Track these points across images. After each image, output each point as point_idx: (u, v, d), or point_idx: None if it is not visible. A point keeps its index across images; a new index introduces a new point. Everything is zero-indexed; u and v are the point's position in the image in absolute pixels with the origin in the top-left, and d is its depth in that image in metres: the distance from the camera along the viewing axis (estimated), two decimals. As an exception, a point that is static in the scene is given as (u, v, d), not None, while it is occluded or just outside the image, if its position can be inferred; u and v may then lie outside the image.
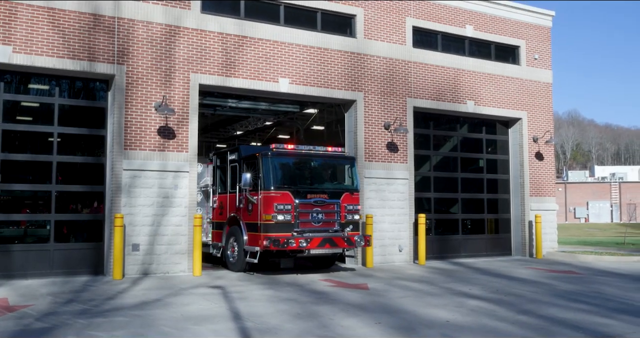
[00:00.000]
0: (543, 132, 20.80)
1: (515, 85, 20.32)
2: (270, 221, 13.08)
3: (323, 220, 13.80)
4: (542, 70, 21.11)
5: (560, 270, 16.25)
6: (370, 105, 17.22)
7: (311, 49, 16.37)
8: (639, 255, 20.56)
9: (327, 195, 13.99)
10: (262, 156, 13.61)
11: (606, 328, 8.36)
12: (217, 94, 17.19)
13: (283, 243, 12.78)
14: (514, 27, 20.53)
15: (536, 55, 20.93)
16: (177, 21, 14.58)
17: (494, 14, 20.08)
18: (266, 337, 7.52)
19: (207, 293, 11.17)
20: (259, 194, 13.41)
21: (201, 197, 16.48)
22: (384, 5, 17.72)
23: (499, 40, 20.21)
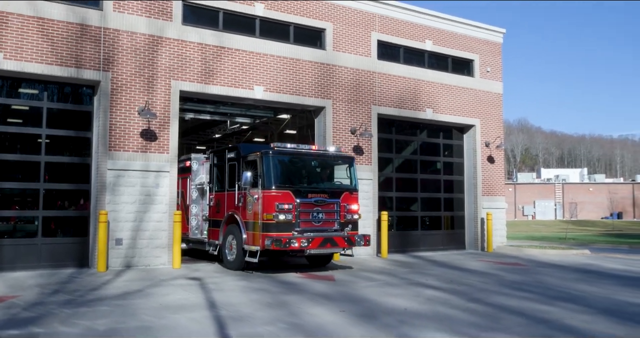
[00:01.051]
0: (494, 138, 21.11)
1: (470, 95, 20.59)
2: (271, 220, 12.08)
3: (323, 220, 12.84)
4: (494, 82, 21.43)
5: (508, 262, 16.50)
6: (338, 112, 17.28)
7: (284, 60, 16.36)
8: (578, 249, 21.01)
9: (327, 195, 13.05)
10: (263, 155, 12.59)
11: (546, 314, 8.54)
12: (196, 100, 17.06)
13: (285, 243, 11.82)
14: (469, 43, 20.81)
15: (488, 68, 21.24)
16: (159, 32, 14.44)
17: (452, 30, 20.32)
18: (239, 324, 7.50)
19: (185, 285, 11.10)
20: (260, 193, 12.40)
21: (196, 195, 15.71)
22: (352, 20, 17.82)
23: (455, 54, 20.46)
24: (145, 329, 7.18)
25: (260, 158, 12.57)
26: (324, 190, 13.13)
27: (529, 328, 7.61)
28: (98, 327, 7.25)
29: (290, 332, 7.13)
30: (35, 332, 7.00)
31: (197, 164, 15.81)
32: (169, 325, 7.45)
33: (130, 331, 7.07)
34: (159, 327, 7.33)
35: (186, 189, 15.95)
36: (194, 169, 15.67)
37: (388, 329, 7.37)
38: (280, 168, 12.81)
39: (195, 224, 15.60)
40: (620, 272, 14.71)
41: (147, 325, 7.43)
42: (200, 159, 15.94)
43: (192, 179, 15.63)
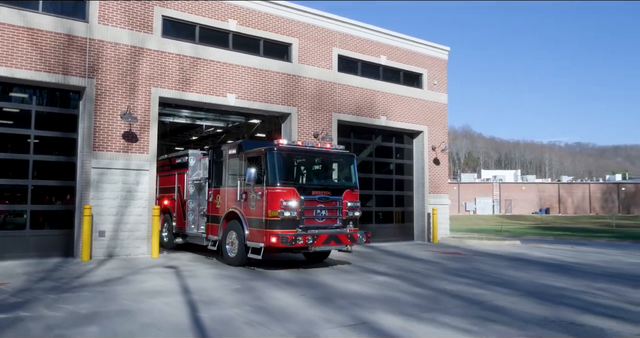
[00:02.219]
0: (440, 143, 21.47)
1: (419, 105, 20.89)
2: (276, 217, 10.88)
3: (326, 217, 11.68)
4: (440, 94, 21.79)
5: (450, 252, 16.79)
6: (303, 118, 17.32)
7: (255, 70, 16.32)
8: (510, 240, 21.53)
9: (330, 192, 11.84)
10: (267, 151, 11.39)
11: (480, 297, 8.77)
12: (174, 105, 16.85)
13: (291, 241, 10.68)
14: (418, 58, 21.11)
15: (435, 82, 21.57)
16: (141, 43, 14.23)
17: (404, 47, 20.57)
18: (209, 307, 7.49)
19: (162, 272, 10.99)
20: (264, 190, 11.17)
21: (193, 190, 14.72)
22: (315, 36, 17.88)
23: (406, 68, 20.73)
24: (125, 312, 7.10)
25: (265, 155, 11.41)
26: (327, 188, 12.03)
27: (464, 309, 7.80)
28: (81, 311, 7.14)
29: (255, 313, 7.15)
30: (21, 315, 6.86)
31: (195, 160, 14.91)
32: (146, 308, 7.39)
33: (111, 314, 6.98)
34: (137, 310, 7.26)
35: (183, 184, 15.09)
36: (191, 164, 14.78)
37: (342, 310, 7.46)
38: (284, 165, 11.65)
39: (192, 219, 14.68)
40: (545, 259, 15.15)
41: (126, 309, 7.35)
42: (197, 155, 15.01)
43: (189, 175, 14.74)
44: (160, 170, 16.11)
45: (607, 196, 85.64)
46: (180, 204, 15.06)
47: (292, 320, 6.83)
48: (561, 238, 26.44)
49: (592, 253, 17.77)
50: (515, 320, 7.07)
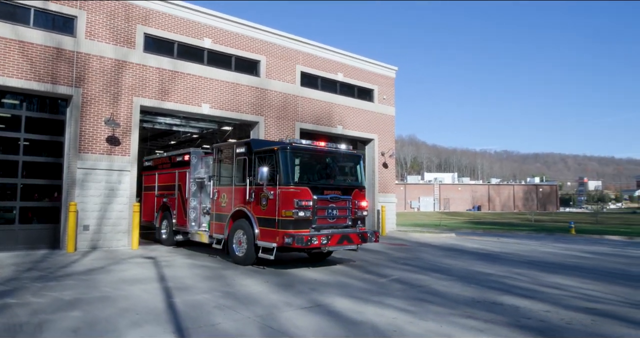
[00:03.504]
0: (388, 149, 21.78)
1: (371, 116, 21.15)
2: (290, 217, 9.55)
3: (337, 217, 10.37)
4: (389, 107, 22.12)
5: (396, 243, 16.99)
6: (269, 126, 17.27)
7: (227, 83, 16.17)
8: (447, 233, 22.03)
9: (340, 192, 10.53)
10: (280, 150, 9.96)
11: (420, 282, 8.94)
12: (154, 113, 16.50)
13: (307, 241, 9.35)
14: (370, 76, 21.37)
15: (385, 96, 21.88)
16: (124, 57, 13.89)
17: (358, 66, 20.79)
18: (183, 293, 7.38)
19: (142, 262, 10.74)
20: (277, 189, 9.78)
21: (195, 188, 13.13)
22: (281, 55, 17.87)
23: (360, 84, 20.95)
24: (105, 299, 6.92)
25: (277, 153, 9.97)
26: (338, 187, 10.67)
27: (406, 292, 7.94)
28: (64, 297, 6.92)
29: (224, 298, 7.09)
30: (9, 302, 6.58)
31: (196, 158, 13.31)
32: (125, 295, 7.21)
33: (92, 300, 6.78)
34: (116, 296, 7.08)
35: (184, 182, 13.44)
36: (193, 162, 13.22)
37: (301, 295, 7.48)
38: (297, 164, 10.31)
39: (194, 217, 13.13)
40: (476, 249, 15.59)
41: (106, 295, 7.16)
42: (199, 153, 13.43)
43: (191, 173, 13.21)
44: (160, 168, 15.14)
45: (528, 196, 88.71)
46: (181, 202, 13.58)
47: (257, 304, 6.81)
48: (489, 232, 27.25)
49: (514, 243, 18.40)
50: (448, 301, 7.26)
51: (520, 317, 6.36)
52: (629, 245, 19.24)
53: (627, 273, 10.74)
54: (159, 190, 15.00)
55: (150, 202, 15.45)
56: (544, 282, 9.24)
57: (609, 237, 23.17)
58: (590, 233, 24.61)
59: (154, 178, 15.38)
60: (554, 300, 7.50)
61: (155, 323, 5.68)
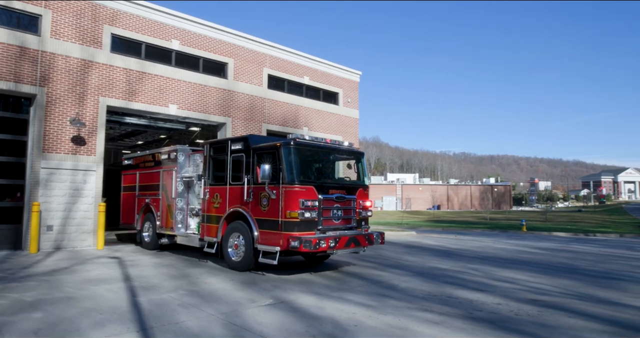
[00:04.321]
0: (352, 150, 21.91)
1: (336, 118, 21.27)
2: (295, 219, 8.53)
3: (342, 217, 9.39)
4: (353, 110, 22.31)
5: (359, 241, 17.07)
6: (237, 127, 17.11)
7: (195, 85, 15.93)
8: (408, 231, 22.41)
9: (345, 191, 9.54)
10: (283, 147, 8.91)
11: (380, 277, 9.05)
12: (121, 113, 16.08)
13: (315, 245, 8.33)
14: (335, 80, 21.49)
15: (349, 100, 22.06)
16: (91, 57, 13.46)
17: (323, 70, 20.87)
18: (148, 292, 7.21)
19: (107, 262, 10.42)
20: (280, 188, 8.72)
21: (182, 188, 11.87)
22: (248, 58, 17.74)
23: (325, 88, 21.03)
24: (68, 299, 6.68)
25: (280, 150, 8.92)
26: (343, 186, 9.69)
27: (367, 288, 8.02)
28: (26, 299, 6.64)
29: (189, 297, 6.97)
30: (-35, 304, 6.26)
31: (183, 156, 12.12)
32: (89, 295, 6.99)
33: (55, 301, 6.54)
34: (80, 296, 6.85)
35: (170, 182, 12.21)
36: (180, 160, 12.01)
37: (265, 292, 7.44)
38: (301, 162, 9.17)
39: (180, 219, 11.89)
40: (434, 246, 15.91)
41: (70, 295, 6.91)
42: (186, 151, 12.22)
43: (178, 171, 11.98)
44: (142, 166, 13.78)
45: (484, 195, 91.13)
46: (166, 203, 12.33)
47: (222, 301, 6.73)
48: (448, 229, 27.86)
49: (470, 240, 18.88)
50: (407, 295, 7.38)
51: (473, 309, 6.54)
52: (573, 241, 20.08)
53: (571, 267, 11.20)
54: (140, 191, 13.72)
55: (131, 203, 14.12)
56: (496, 276, 9.53)
57: (556, 233, 24.11)
58: (540, 231, 25.53)
59: (134, 177, 14.06)
60: (504, 293, 7.74)
61: (118, 322, 5.53)
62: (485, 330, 5.51)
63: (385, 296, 7.30)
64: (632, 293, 8.01)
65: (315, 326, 5.52)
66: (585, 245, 17.88)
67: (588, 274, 10.05)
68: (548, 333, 5.41)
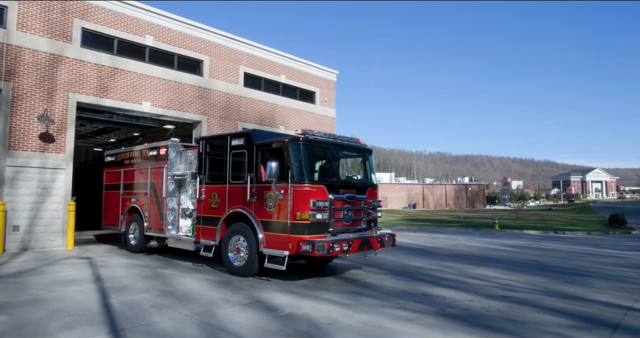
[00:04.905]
0: (329, 149, 21.97)
1: (312, 117, 21.28)
2: (306, 220, 7.92)
3: (352, 219, 8.81)
4: (330, 109, 22.37)
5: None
6: (212, 125, 16.94)
7: (169, 82, 15.69)
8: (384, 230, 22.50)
9: (355, 190, 8.94)
10: (292, 143, 8.24)
11: (355, 276, 9.07)
12: (92, 110, 15.71)
13: (329, 249, 7.70)
14: (312, 79, 21.51)
15: (326, 99, 22.12)
16: (60, 51, 13.10)
17: (300, 68, 20.86)
18: (120, 293, 7.09)
19: (77, 263, 10.17)
20: (289, 188, 8.05)
21: (173, 186, 11.06)
22: (224, 55, 17.59)
23: (302, 87, 21.04)
24: (36, 301, 6.50)
25: (288, 146, 8.24)
26: (353, 185, 9.12)
27: (342, 286, 8.07)
28: (-10, 301, 6.44)
29: (162, 297, 6.88)
30: None
31: (175, 152, 11.26)
32: (58, 296, 6.82)
33: (21, 303, 6.35)
34: (48, 298, 6.68)
35: (160, 180, 11.29)
36: (171, 157, 11.14)
37: (240, 292, 7.42)
38: (311, 159, 8.62)
39: (172, 220, 11.05)
40: (409, 244, 16.11)
41: (37, 297, 6.73)
42: (177, 147, 11.38)
43: (169, 169, 11.10)
44: (127, 164, 12.84)
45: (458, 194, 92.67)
46: (155, 202, 11.43)
47: (196, 301, 6.67)
48: (423, 228, 28.25)
49: (445, 239, 19.20)
50: (381, 293, 7.47)
51: (446, 306, 6.67)
52: (544, 238, 20.65)
53: (541, 264, 11.53)
54: (125, 189, 12.78)
55: (114, 202, 13.18)
56: (469, 273, 9.73)
57: (527, 231, 24.74)
58: (512, 229, 26.15)
59: (118, 175, 13.10)
60: (476, 290, 7.92)
61: (88, 324, 5.43)
62: (457, 326, 5.63)
63: (360, 294, 7.37)
64: (597, 288, 8.31)
65: (290, 325, 5.54)
66: (555, 242, 18.41)
67: (556, 271, 10.37)
68: (517, 329, 5.56)
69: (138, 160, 12.46)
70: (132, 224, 12.36)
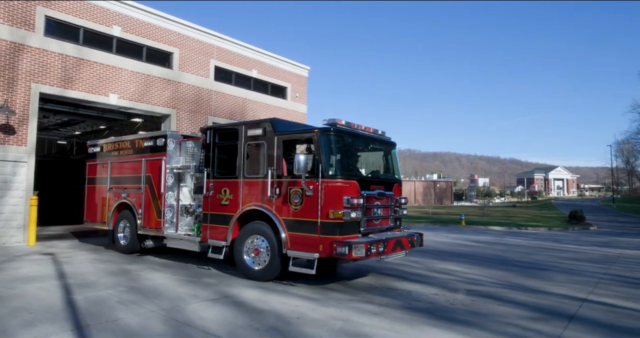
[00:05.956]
0: (300, 145, 21.99)
1: (284, 113, 21.22)
2: (339, 219, 7.16)
3: (381, 217, 8.16)
4: (301, 105, 22.37)
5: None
6: (181, 119, 16.69)
7: (137, 74, 15.35)
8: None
9: (384, 187, 8.26)
10: (323, 134, 7.47)
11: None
12: (56, 101, 15.21)
13: (367, 251, 6.98)
14: (284, 74, 21.45)
15: (297, 94, 22.10)
16: (22, 40, 12.62)
17: (272, 63, 20.76)
18: (84, 290, 6.93)
19: (39, 259, 9.86)
20: (320, 183, 7.27)
21: (172, 181, 10.15)
22: (195, 48, 17.32)
23: (274, 82, 20.95)
24: (-6, 298, 6.30)
25: (318, 138, 7.45)
26: (382, 181, 8.41)
27: (310, 281, 8.10)
28: (-55, 299, 6.19)
29: (128, 293, 6.78)
30: None
31: (174, 143, 10.29)
32: (18, 294, 6.61)
33: (-21, 300, 6.14)
34: (8, 296, 6.47)
35: (157, 173, 10.24)
36: (170, 148, 10.18)
37: (208, 287, 7.37)
38: (342, 151, 7.87)
39: (170, 217, 10.11)
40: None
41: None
42: (177, 137, 10.43)
43: (168, 162, 10.13)
44: (115, 155, 11.73)
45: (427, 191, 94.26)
46: (151, 198, 10.40)
47: (163, 297, 6.60)
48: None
49: (412, 234, 19.49)
50: (349, 288, 7.57)
51: (412, 300, 6.82)
52: (507, 234, 21.31)
53: (504, 258, 11.92)
54: (113, 183, 11.65)
55: (99, 197, 12.10)
56: (435, 268, 9.96)
57: (492, 227, 25.46)
58: (478, 225, 26.85)
59: (104, 168, 11.99)
60: (442, 284, 8.13)
61: (51, 321, 5.29)
62: (422, 319, 5.78)
63: (329, 289, 7.45)
64: (555, 281, 8.66)
65: (259, 319, 5.56)
66: (518, 238, 19.03)
67: (518, 265, 10.74)
68: (480, 321, 5.76)
69: (129, 152, 11.32)
70: (122, 222, 11.25)
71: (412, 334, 5.15)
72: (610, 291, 7.88)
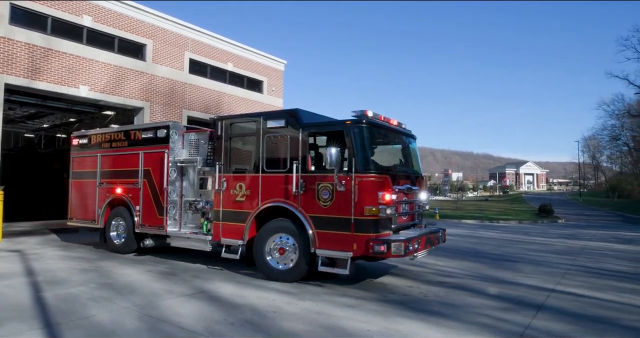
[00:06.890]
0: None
1: (260, 107, 21.03)
2: (374, 216, 6.74)
3: (408, 213, 7.84)
4: (277, 98, 22.25)
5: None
6: (155, 113, 16.38)
7: (109, 66, 14.98)
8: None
9: (410, 181, 7.94)
10: (355, 126, 7.06)
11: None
12: (23, 93, 14.71)
13: (406, 249, 6.70)
14: (260, 68, 21.28)
15: (273, 88, 21.97)
16: (-15, 29, 12.15)
17: (248, 57, 20.56)
18: (54, 287, 6.76)
19: (6, 256, 9.55)
20: (353, 178, 6.85)
21: (175, 175, 9.42)
22: (169, 40, 17.00)
23: (250, 75, 20.77)
24: (-42, 296, 6.08)
25: (351, 130, 7.05)
26: (409, 176, 8.06)
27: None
28: None
29: (100, 290, 6.64)
30: None
31: (177, 135, 9.56)
32: (-16, 291, 6.41)
33: (-58, 299, 5.92)
34: (-27, 293, 6.27)
35: (159, 167, 9.53)
36: (173, 140, 9.46)
37: (184, 283, 7.29)
38: (374, 145, 7.43)
39: (174, 214, 9.42)
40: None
41: (-40, 292, 6.30)
42: (179, 128, 9.73)
43: (170, 154, 9.39)
44: (106, 147, 10.81)
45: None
46: (151, 194, 9.66)
47: (137, 293, 6.50)
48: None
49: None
50: (325, 282, 7.62)
51: (387, 292, 6.91)
52: (480, 227, 21.78)
53: (476, 251, 12.19)
54: (104, 178, 10.77)
55: (87, 193, 11.15)
56: (409, 261, 10.10)
57: (465, 221, 25.98)
58: (451, 218, 27.34)
59: (93, 161, 11.04)
60: (416, 276, 8.26)
61: (19, 320, 5.15)
62: (396, 311, 5.87)
63: (304, 283, 7.47)
64: (524, 273, 8.92)
65: (235, 314, 5.54)
66: (490, 231, 19.48)
67: (490, 257, 11.01)
68: (452, 312, 5.88)
69: (124, 143, 10.43)
70: (115, 219, 10.45)
71: (387, 326, 5.22)
72: (577, 281, 8.16)
